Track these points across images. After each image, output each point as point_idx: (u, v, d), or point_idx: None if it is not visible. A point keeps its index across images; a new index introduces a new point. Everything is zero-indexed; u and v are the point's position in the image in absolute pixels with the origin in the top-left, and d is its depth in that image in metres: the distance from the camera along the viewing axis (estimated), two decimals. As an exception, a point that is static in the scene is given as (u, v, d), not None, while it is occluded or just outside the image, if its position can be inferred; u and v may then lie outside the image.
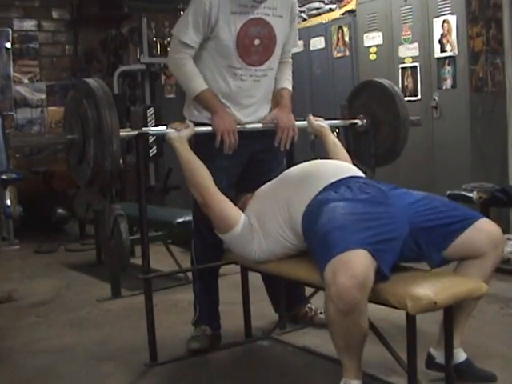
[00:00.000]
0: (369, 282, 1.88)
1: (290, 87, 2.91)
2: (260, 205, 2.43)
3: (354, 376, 2.02)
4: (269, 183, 2.54)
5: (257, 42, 2.67)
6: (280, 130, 2.76)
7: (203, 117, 2.72)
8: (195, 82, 2.67)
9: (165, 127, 2.62)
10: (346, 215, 2.04)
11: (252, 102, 2.76)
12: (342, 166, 2.45)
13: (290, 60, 2.95)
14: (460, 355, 2.27)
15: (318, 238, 2.05)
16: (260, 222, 2.37)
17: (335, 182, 2.25)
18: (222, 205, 2.45)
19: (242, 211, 2.47)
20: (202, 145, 2.68)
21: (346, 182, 2.25)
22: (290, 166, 3.02)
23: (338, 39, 5.16)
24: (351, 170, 2.41)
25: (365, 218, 2.04)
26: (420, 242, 2.14)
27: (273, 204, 2.36)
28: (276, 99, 2.86)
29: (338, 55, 5.19)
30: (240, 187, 2.79)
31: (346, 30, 5.10)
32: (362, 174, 2.40)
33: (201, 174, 2.50)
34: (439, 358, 2.29)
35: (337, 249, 1.91)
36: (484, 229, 2.15)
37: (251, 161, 2.82)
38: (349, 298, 1.85)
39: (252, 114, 2.77)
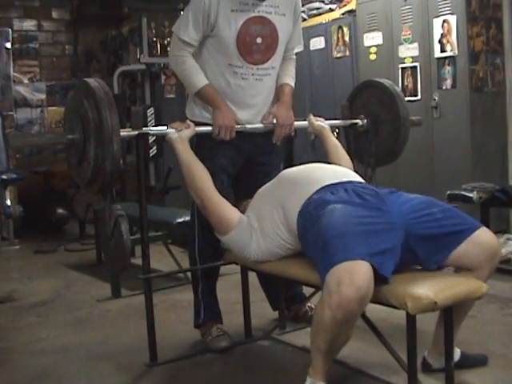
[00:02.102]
0: (370, 295, 1.87)
1: (293, 83, 2.88)
2: (259, 206, 2.43)
3: (323, 378, 2.03)
4: (267, 184, 2.52)
5: (259, 40, 2.66)
6: (279, 127, 2.75)
7: (205, 116, 2.71)
8: (196, 78, 2.66)
9: (165, 127, 2.61)
10: (345, 219, 2.00)
11: (255, 101, 2.74)
12: (340, 171, 2.41)
13: (294, 57, 2.93)
14: (456, 354, 2.28)
15: (317, 243, 2.02)
16: (259, 223, 2.37)
17: (332, 185, 2.22)
18: (220, 208, 2.44)
19: (243, 213, 2.46)
20: (202, 144, 2.67)
21: (343, 185, 2.22)
22: (289, 166, 3.04)
23: (338, 39, 5.17)
24: (350, 175, 2.37)
25: (364, 222, 2.00)
26: (415, 250, 2.12)
27: (270, 204, 2.35)
28: (277, 95, 2.83)
29: (338, 55, 5.20)
30: (235, 190, 2.78)
31: (346, 29, 5.10)
32: (360, 180, 2.36)
33: (200, 176, 2.49)
34: (436, 364, 2.30)
35: (339, 257, 1.88)
36: (480, 242, 2.11)
37: (249, 163, 2.82)
38: (349, 309, 1.85)
39: (256, 117, 2.76)
